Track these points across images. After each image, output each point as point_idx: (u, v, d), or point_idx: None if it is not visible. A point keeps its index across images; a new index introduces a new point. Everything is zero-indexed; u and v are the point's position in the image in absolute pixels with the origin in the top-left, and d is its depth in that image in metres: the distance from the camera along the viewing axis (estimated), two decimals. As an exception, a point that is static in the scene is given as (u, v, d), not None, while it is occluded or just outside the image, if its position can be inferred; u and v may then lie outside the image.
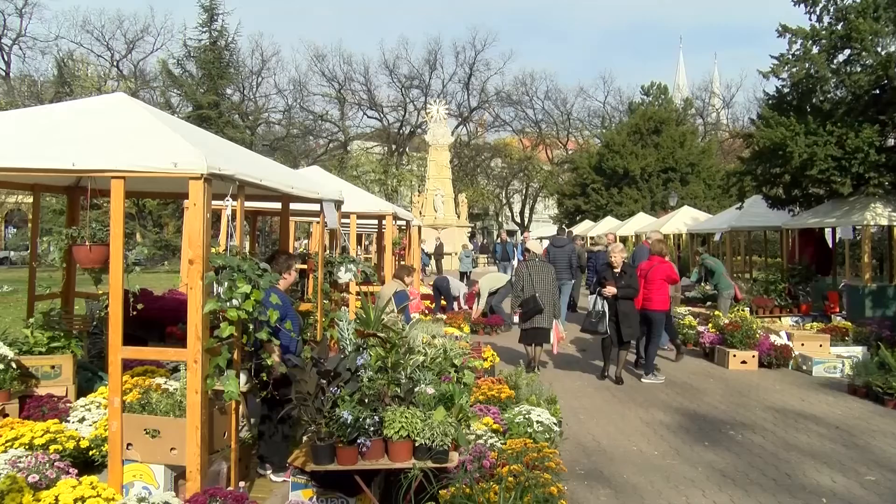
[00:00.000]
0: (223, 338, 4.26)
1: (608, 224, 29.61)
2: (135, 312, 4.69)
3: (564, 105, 56.27)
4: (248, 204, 5.94)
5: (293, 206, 6.73)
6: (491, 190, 57.61)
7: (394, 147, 54.36)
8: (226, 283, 4.17)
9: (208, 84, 36.94)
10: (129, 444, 4.30)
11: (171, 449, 4.27)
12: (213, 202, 4.30)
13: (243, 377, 4.72)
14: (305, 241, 20.45)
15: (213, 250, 4.40)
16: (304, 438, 4.39)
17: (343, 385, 4.10)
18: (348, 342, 4.52)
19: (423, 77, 54.04)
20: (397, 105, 54.68)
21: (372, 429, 3.98)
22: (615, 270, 9.09)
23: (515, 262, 16.31)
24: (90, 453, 5.07)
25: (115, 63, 45.98)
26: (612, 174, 37.48)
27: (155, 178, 4.47)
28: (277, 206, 6.71)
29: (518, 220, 59.24)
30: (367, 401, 4.11)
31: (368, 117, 55.37)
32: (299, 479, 4.35)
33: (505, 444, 4.87)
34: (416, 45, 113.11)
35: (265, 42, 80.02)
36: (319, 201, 6.31)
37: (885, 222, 12.60)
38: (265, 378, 4.90)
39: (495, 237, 35.21)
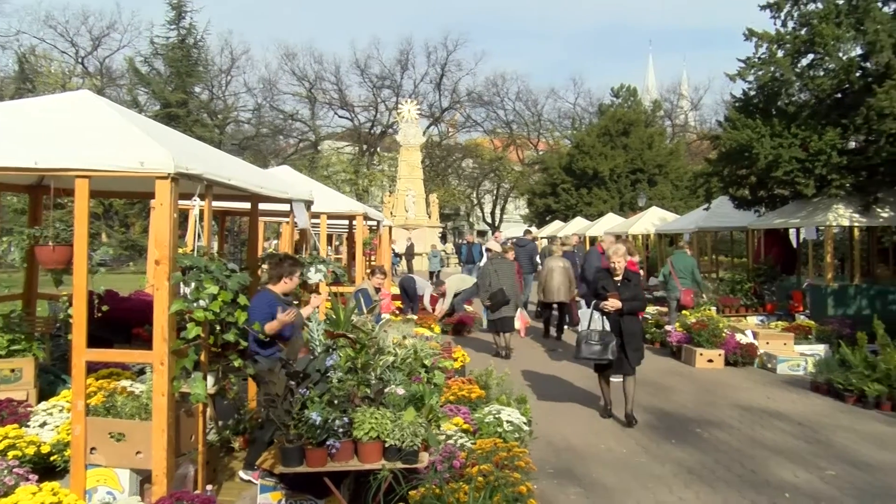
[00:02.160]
0: (190, 339, 4.21)
1: (578, 224, 29.84)
2: (99, 314, 4.62)
3: (535, 106, 56.77)
4: (216, 204, 5.88)
5: (263, 206, 6.67)
6: (462, 190, 57.74)
7: (365, 147, 54.20)
8: (193, 284, 4.12)
9: (176, 82, 36.47)
10: (92, 449, 4.23)
11: (137, 452, 4.20)
12: (181, 202, 4.25)
13: (211, 379, 4.67)
14: (275, 242, 20.29)
15: (180, 250, 4.35)
16: (274, 440, 4.36)
17: (312, 386, 4.08)
18: (318, 343, 4.49)
19: (395, 77, 54.07)
20: (368, 105, 54.60)
21: (341, 430, 3.96)
22: (616, 279, 7.27)
23: (482, 265, 16.64)
24: (52, 459, 4.95)
25: (79, 60, 45.12)
26: (582, 175, 37.81)
27: (121, 178, 4.40)
28: (247, 206, 6.65)
29: (489, 220, 59.45)
30: (336, 402, 4.09)
31: (339, 117, 55.23)
32: (268, 481, 4.31)
33: (475, 444, 4.87)
34: (388, 45, 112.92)
35: (235, 40, 78.95)
36: (289, 201, 6.27)
37: (846, 223, 12.87)
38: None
39: (463, 238, 35.30)
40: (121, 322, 7.42)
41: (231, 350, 4.84)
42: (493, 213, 59.50)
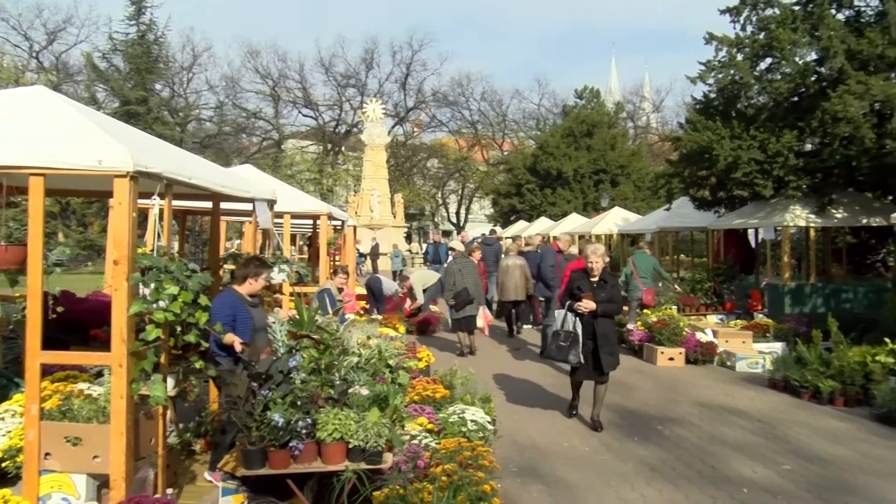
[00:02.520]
0: (150, 341, 4.14)
1: (542, 224, 30.07)
2: (55, 315, 4.50)
3: (500, 106, 57.01)
4: (177, 203, 5.78)
5: (225, 205, 6.58)
6: (427, 190, 57.74)
7: (329, 146, 53.86)
8: (152, 285, 4.05)
9: (136, 79, 35.74)
10: (47, 454, 4.12)
11: (94, 457, 4.11)
12: (140, 201, 4.17)
13: (171, 381, 4.59)
14: (238, 242, 20.04)
15: (139, 250, 4.26)
16: (236, 443, 4.30)
17: (275, 388, 4.04)
18: (281, 344, 4.45)
19: (360, 76, 53.87)
20: (333, 104, 54.27)
21: (304, 431, 3.93)
22: (592, 279, 7.02)
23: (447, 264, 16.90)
24: (3, 465, 4.82)
25: (34, 54, 43.92)
26: (546, 175, 38.09)
27: (78, 176, 4.29)
28: (208, 205, 6.54)
29: (454, 220, 59.54)
30: (299, 403, 4.05)
31: (303, 116, 54.82)
32: (230, 484, 4.26)
33: (439, 443, 4.87)
34: (353, 44, 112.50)
35: (197, 37, 78.06)
36: (252, 200, 6.19)
37: (802, 223, 13.18)
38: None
39: (430, 238, 35.34)
40: (78, 323, 7.23)
41: (192, 351, 4.76)
42: (458, 213, 59.61)
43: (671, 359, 10.39)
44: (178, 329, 4.38)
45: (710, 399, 8.37)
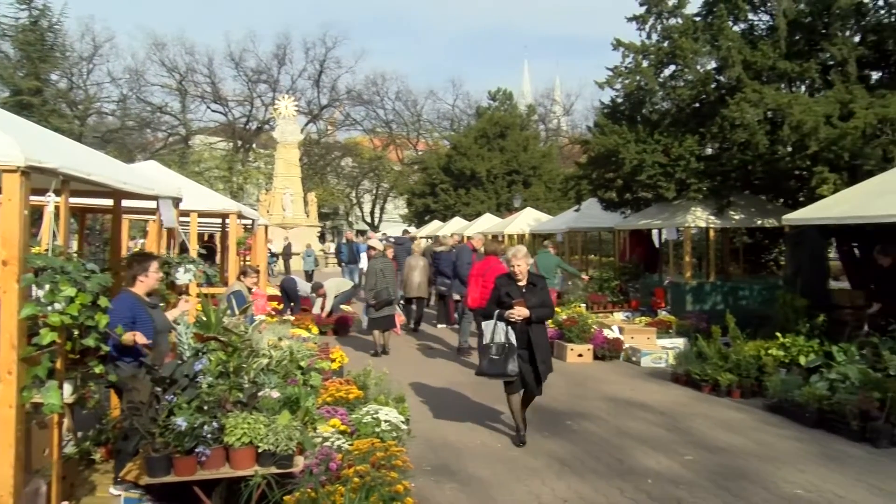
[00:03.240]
0: (44, 345, 3.91)
1: (456, 224, 30.29)
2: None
3: (415, 106, 57.11)
4: (75, 200, 5.50)
5: (127, 203, 6.31)
6: (341, 189, 57.21)
7: (240, 143, 52.48)
8: (47, 286, 3.82)
9: (29, 68, 33.62)
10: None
11: (-19, 470, 3.84)
12: (34, 197, 3.93)
13: (68, 388, 4.36)
14: (142, 241, 19.22)
15: (33, 250, 4.02)
16: (140, 450, 4.13)
17: (180, 392, 3.90)
18: (187, 347, 4.30)
19: (272, 72, 52.81)
20: (244, 99, 52.99)
21: (211, 436, 3.81)
22: (520, 284, 6.49)
23: (364, 265, 16.95)
24: None
25: None
26: (460, 175, 38.41)
27: (-39, 170, 4.01)
28: (109, 202, 6.26)
29: (368, 219, 59.21)
30: (206, 408, 3.93)
31: (212, 111, 53.23)
32: (133, 493, 4.08)
33: (352, 445, 4.83)
34: (265, 39, 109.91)
35: (97, 26, 74.09)
36: (156, 198, 5.97)
37: (703, 224, 13.81)
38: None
39: (343, 237, 35.01)
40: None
41: (91, 356, 4.53)
42: (372, 213, 59.33)
43: (580, 355, 10.67)
44: (76, 332, 4.16)
45: (616, 394, 8.65)
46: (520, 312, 6.20)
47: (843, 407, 6.75)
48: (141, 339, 4.62)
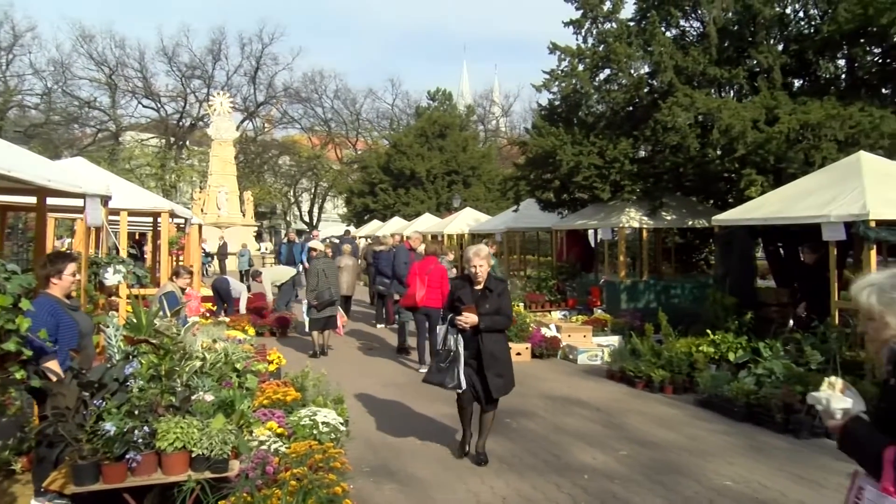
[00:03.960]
0: (-41, 350, 3.72)
1: (396, 224, 30.21)
2: None
3: (354, 105, 56.72)
4: (-7, 197, 5.26)
5: (52, 200, 6.07)
6: (279, 188, 56.31)
7: (172, 140, 51.08)
8: (-37, 288, 3.64)
9: (-57, 58, 32.10)
10: None
11: None
12: (-53, 194, 3.74)
13: (-14, 394, 4.15)
14: (68, 241, 18.50)
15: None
16: (66, 458, 3.96)
17: (109, 397, 3.76)
18: (116, 350, 4.15)
19: (206, 67, 51.54)
20: (177, 95, 51.57)
21: (143, 441, 3.68)
22: (476, 288, 5.94)
23: (305, 265, 16.77)
24: None
25: None
26: (400, 175, 38.33)
27: None
28: (32, 200, 6.01)
29: (307, 219, 58.49)
30: (137, 412, 3.80)
31: (144, 107, 51.61)
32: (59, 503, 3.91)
33: (290, 447, 4.76)
34: (199, 34, 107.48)
35: (18, 14, 70.75)
36: (83, 196, 5.75)
37: (637, 225, 14.14)
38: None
39: (283, 237, 34.45)
40: None
41: (12, 361, 4.33)
42: (310, 212, 58.61)
43: (518, 354, 10.76)
44: (-5, 336, 3.97)
45: (554, 391, 8.77)
46: (467, 319, 5.70)
47: (769, 401, 7.02)
48: (55, 367, 4.36)
